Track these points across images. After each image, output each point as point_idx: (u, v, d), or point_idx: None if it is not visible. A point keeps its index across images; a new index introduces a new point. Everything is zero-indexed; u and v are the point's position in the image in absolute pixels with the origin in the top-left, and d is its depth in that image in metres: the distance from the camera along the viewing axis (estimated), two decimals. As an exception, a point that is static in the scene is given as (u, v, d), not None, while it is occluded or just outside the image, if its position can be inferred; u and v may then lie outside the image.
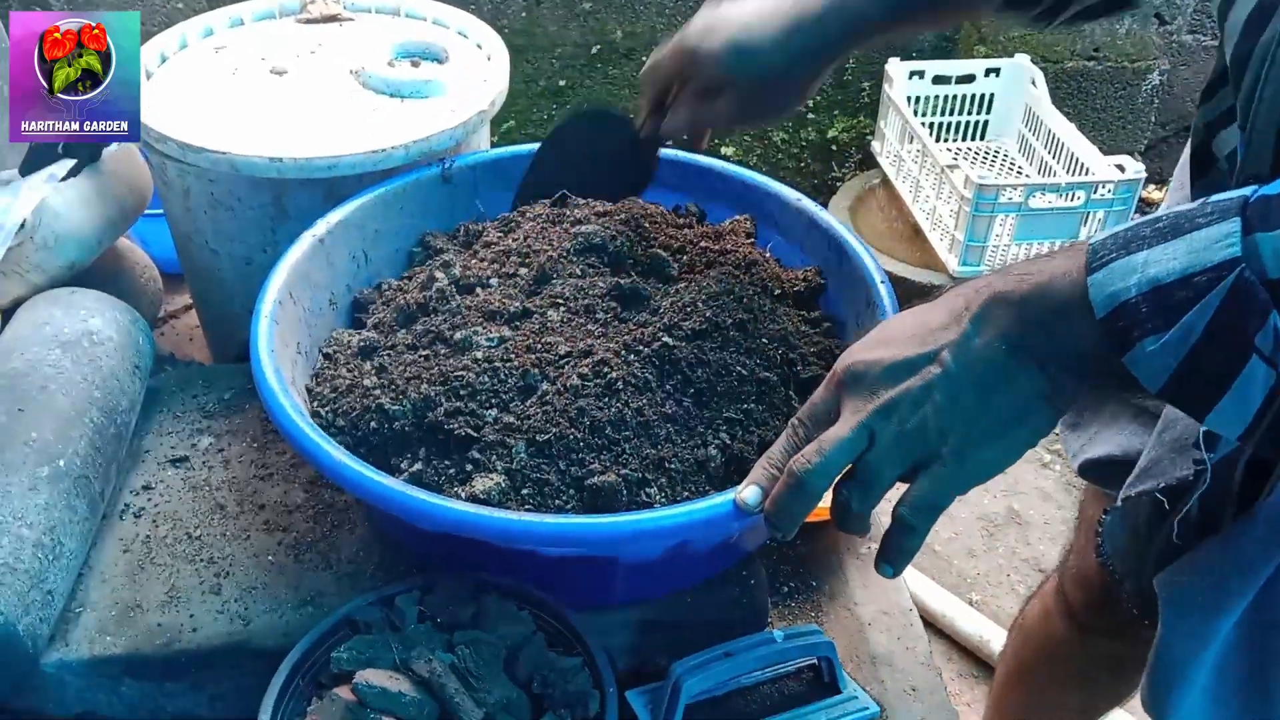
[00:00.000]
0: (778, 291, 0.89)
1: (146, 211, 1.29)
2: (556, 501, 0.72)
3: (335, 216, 0.93)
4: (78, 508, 0.82)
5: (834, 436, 0.59)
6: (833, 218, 0.93)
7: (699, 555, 0.81)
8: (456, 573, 0.77)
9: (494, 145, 1.12)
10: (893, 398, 0.58)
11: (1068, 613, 1.15)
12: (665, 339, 0.78)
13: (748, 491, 0.65)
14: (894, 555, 0.61)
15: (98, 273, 1.17)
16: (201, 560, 0.86)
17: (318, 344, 0.89)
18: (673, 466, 0.75)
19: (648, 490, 0.73)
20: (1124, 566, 0.82)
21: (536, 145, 1.02)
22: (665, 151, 1.02)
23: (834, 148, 2.57)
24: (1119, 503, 0.77)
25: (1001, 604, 1.79)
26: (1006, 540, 1.89)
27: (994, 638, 1.68)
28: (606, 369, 0.76)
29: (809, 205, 0.95)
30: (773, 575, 0.98)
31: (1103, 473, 0.91)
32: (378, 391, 0.79)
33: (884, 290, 0.84)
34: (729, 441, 0.77)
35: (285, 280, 0.86)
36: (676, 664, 0.77)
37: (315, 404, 0.82)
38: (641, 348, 0.78)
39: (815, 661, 0.83)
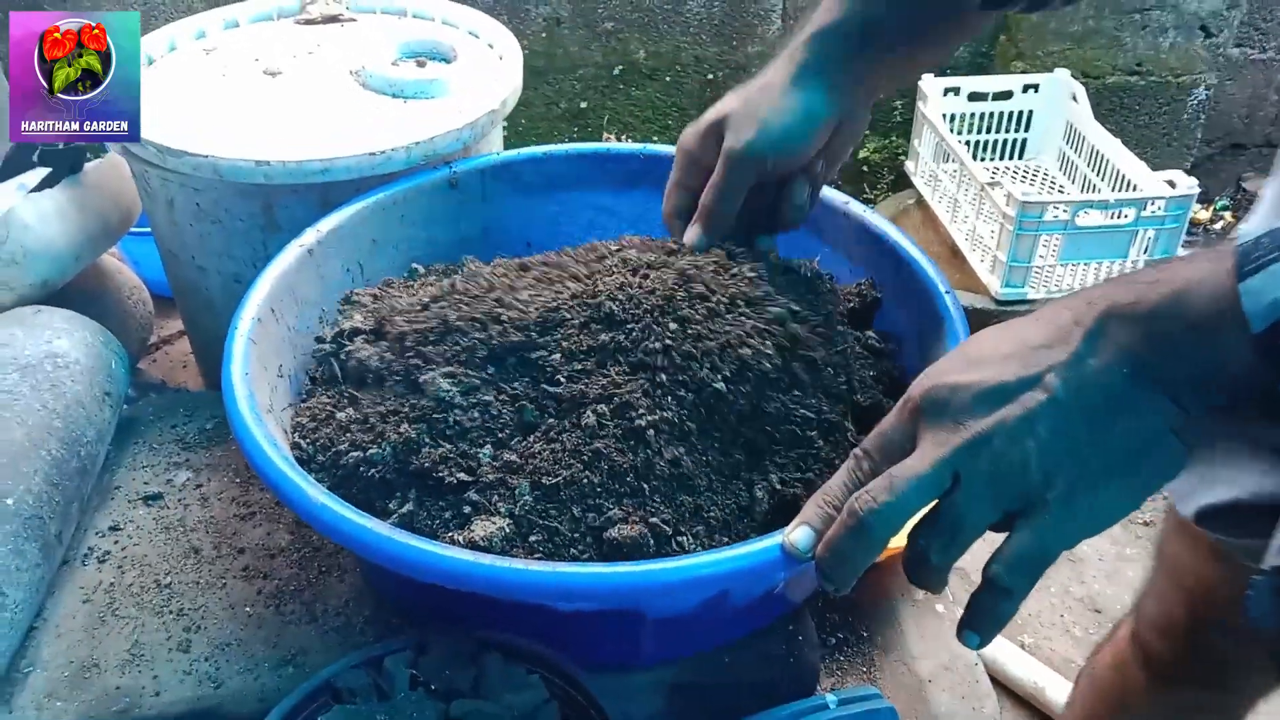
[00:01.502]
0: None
1: (139, 230, 1.21)
2: (571, 551, 0.62)
3: (326, 225, 0.83)
4: (27, 552, 0.72)
5: (909, 472, 0.49)
6: (887, 222, 0.82)
7: (738, 609, 0.70)
8: (455, 629, 0.66)
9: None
10: (985, 430, 0.47)
11: (1145, 662, 1.04)
12: (718, 385, 0.67)
13: (798, 534, 0.54)
14: (984, 622, 0.50)
15: (79, 293, 1.09)
16: (170, 612, 0.76)
17: (304, 367, 0.79)
18: (711, 515, 0.64)
19: (679, 540, 0.62)
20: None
21: (555, 148, 0.93)
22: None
23: (866, 169, 2.48)
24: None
25: (1055, 646, 1.68)
26: (1059, 578, 1.78)
27: (1048, 684, 1.57)
28: (632, 413, 0.66)
29: (859, 209, 0.85)
30: (818, 625, 0.88)
31: (1227, 521, 0.79)
32: (354, 428, 0.68)
33: (950, 301, 0.73)
34: (778, 485, 0.66)
35: (267, 295, 0.76)
36: (712, 736, 0.66)
37: (296, 435, 0.72)
38: (683, 392, 0.67)
39: (873, 731, 0.72)
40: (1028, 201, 1.78)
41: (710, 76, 2.36)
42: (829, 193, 0.86)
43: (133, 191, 1.11)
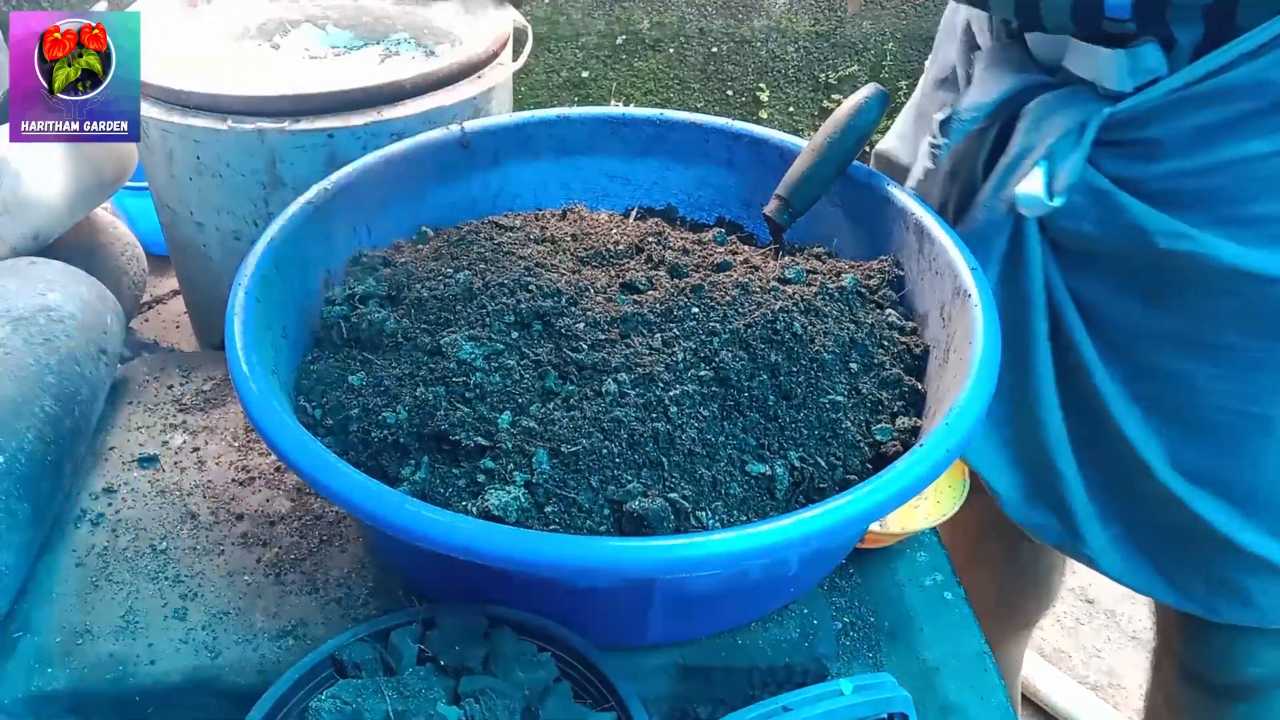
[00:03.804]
0: (848, 286, 0.77)
1: (134, 184, 1.18)
2: (588, 522, 0.59)
3: (333, 182, 0.80)
4: (19, 512, 0.70)
5: None
6: (910, 195, 0.80)
7: (754, 588, 0.68)
8: (464, 603, 0.64)
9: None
10: None
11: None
12: (741, 361, 0.66)
13: None
14: None
15: (71, 248, 1.05)
16: (166, 578, 0.73)
17: (309, 328, 0.76)
18: (731, 491, 0.62)
19: (699, 515, 0.60)
20: None
21: (569, 111, 0.91)
22: (710, 120, 0.91)
23: (868, 149, 2.46)
24: None
25: (1046, 636, 1.67)
26: (1052, 568, 1.77)
27: (1038, 674, 1.55)
28: (654, 384, 0.64)
29: (882, 180, 0.82)
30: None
31: None
32: (367, 392, 0.66)
33: (976, 277, 0.71)
34: (797, 463, 0.64)
35: (272, 251, 0.73)
36: (724, 719, 0.64)
37: (301, 397, 0.69)
38: (705, 368, 0.66)
39: (887, 718, 0.70)
40: (1035, 185, 1.76)
41: (715, 49, 2.33)
42: (854, 165, 0.84)
43: (130, 144, 1.08)
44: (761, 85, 2.40)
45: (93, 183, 1.01)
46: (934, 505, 0.99)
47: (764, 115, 2.43)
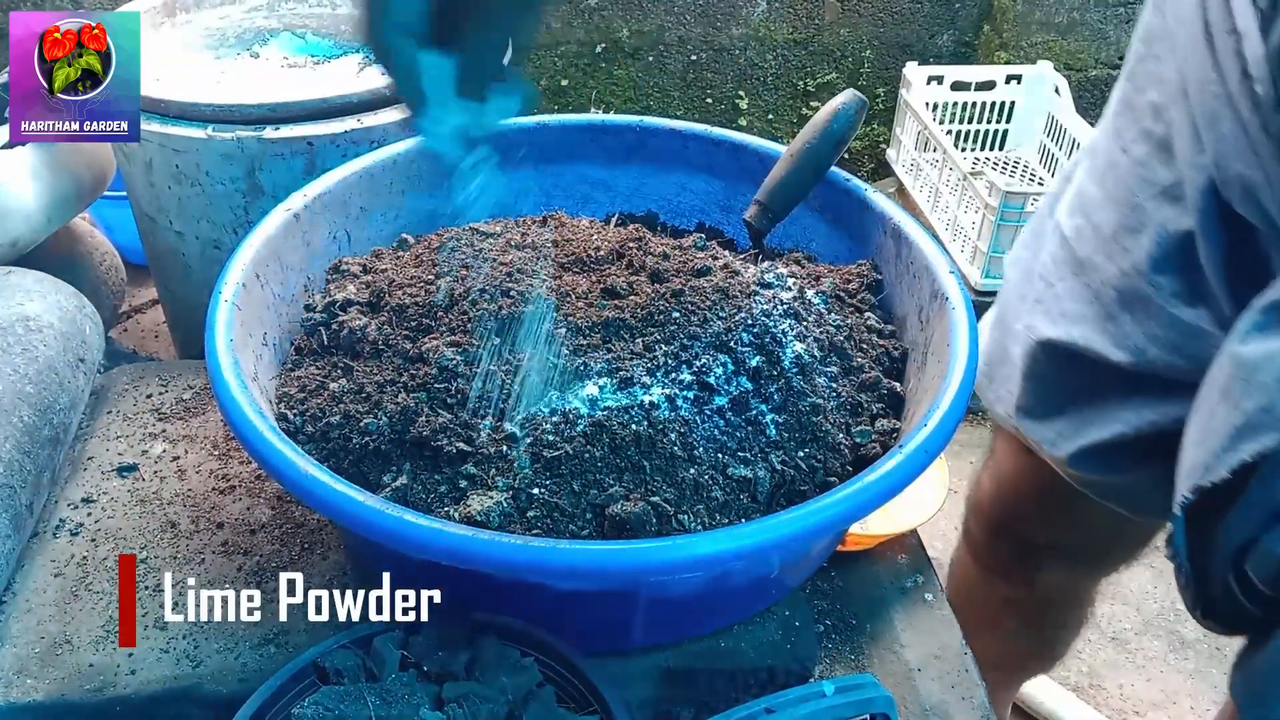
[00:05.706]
0: (827, 290, 0.77)
1: (112, 193, 1.17)
2: (570, 526, 0.60)
3: (314, 189, 0.80)
4: (-3, 523, 0.69)
5: None
6: (889, 201, 0.81)
7: (737, 590, 0.68)
8: (447, 609, 0.64)
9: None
10: None
11: (972, 550, 1.11)
12: (721, 365, 0.67)
13: None
14: None
15: (49, 257, 1.05)
16: (146, 587, 0.73)
17: (289, 336, 0.76)
18: (713, 494, 0.62)
19: (681, 518, 0.61)
20: (1199, 557, 0.67)
21: (548, 119, 0.91)
22: (690, 127, 0.91)
23: (846, 156, 2.47)
24: (1226, 474, 0.60)
25: (1028, 639, 1.67)
26: (1032, 570, 1.78)
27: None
28: (635, 388, 0.65)
29: (860, 186, 0.83)
30: (807, 612, 0.86)
31: (1105, 459, 0.83)
32: (347, 399, 0.66)
33: (954, 280, 0.72)
34: (778, 465, 0.65)
35: (253, 260, 0.73)
36: (708, 721, 0.65)
37: (282, 405, 0.69)
38: (685, 372, 0.66)
39: (869, 718, 0.70)
40: (1010, 192, 1.78)
41: (694, 57, 2.34)
42: (832, 171, 0.84)
43: (107, 153, 1.07)
44: (740, 93, 2.42)
45: (71, 191, 1.00)
46: (915, 507, 1.00)
47: (743, 122, 2.44)
